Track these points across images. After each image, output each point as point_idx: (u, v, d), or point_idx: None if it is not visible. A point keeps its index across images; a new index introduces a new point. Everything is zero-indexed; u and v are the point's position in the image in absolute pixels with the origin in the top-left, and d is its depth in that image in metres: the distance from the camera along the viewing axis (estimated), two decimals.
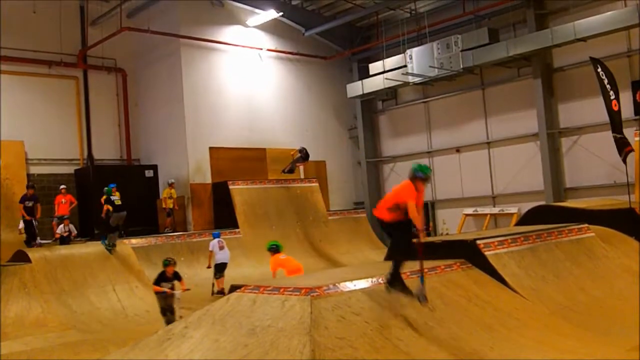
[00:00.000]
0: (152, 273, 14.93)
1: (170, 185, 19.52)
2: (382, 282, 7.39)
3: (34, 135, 19.83)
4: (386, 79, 22.56)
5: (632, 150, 15.36)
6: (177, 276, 10.92)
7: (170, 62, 21.40)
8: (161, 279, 10.82)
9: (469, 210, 22.36)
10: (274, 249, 12.69)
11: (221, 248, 15.59)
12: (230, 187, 19.87)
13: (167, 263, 10.88)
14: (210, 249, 15.59)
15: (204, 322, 7.25)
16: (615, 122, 15.41)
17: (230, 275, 15.78)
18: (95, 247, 14.86)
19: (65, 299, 12.70)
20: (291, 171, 20.36)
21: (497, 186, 21.98)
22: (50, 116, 20.50)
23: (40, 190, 19.60)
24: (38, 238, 16.60)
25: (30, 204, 16.43)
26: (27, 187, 16.72)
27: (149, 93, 22.38)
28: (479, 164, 22.32)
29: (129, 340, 8.64)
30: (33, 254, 13.60)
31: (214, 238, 15.88)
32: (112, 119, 22.18)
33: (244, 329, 6.62)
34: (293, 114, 24.03)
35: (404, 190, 7.54)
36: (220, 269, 15.38)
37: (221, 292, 14.07)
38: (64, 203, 17.87)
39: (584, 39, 18.20)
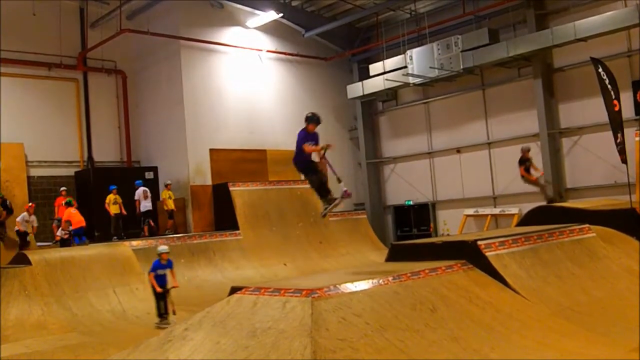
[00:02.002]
0: None
1: (167, 186, 19.58)
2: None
3: (33, 137, 19.82)
4: (386, 79, 22.57)
5: (624, 161, 15.32)
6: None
7: (170, 64, 21.40)
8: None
9: (470, 211, 22.36)
10: (68, 203, 16.58)
11: (145, 198, 18.49)
12: (231, 188, 19.85)
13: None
14: (136, 198, 18.51)
15: (205, 324, 7.24)
16: (615, 123, 15.38)
17: (231, 277, 15.79)
18: (95, 249, 14.86)
19: (65, 301, 12.68)
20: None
21: (497, 187, 21.98)
22: (50, 118, 20.51)
23: (41, 193, 19.66)
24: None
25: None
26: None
27: (149, 95, 22.38)
28: (480, 165, 22.32)
29: (130, 343, 8.61)
30: (33, 256, 13.58)
31: (138, 187, 18.67)
32: (112, 121, 22.18)
33: (244, 331, 6.61)
34: (293, 115, 23.94)
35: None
36: (146, 215, 18.45)
37: (152, 234, 17.91)
38: (64, 205, 17.89)
39: (584, 39, 18.21)
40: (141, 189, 18.81)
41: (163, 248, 12.00)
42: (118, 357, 7.82)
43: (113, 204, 18.31)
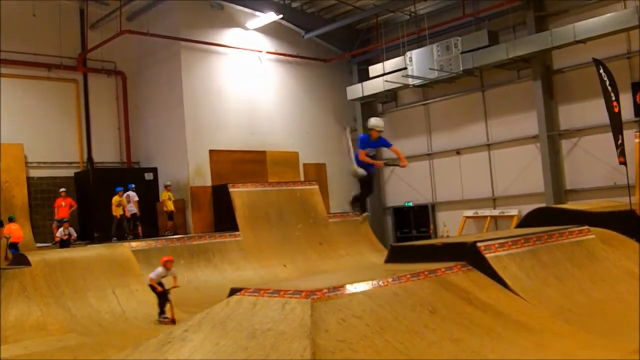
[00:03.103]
0: None
1: (167, 187, 19.61)
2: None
3: (33, 138, 19.82)
4: (386, 81, 22.58)
5: (623, 162, 15.30)
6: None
7: (170, 65, 21.40)
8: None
9: (470, 213, 22.36)
10: (10, 219, 17.06)
11: (128, 202, 18.63)
12: (231, 190, 19.84)
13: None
14: (124, 197, 18.57)
15: (204, 325, 7.23)
16: (616, 124, 15.39)
17: (230, 279, 15.79)
18: (95, 250, 14.84)
19: (65, 302, 12.66)
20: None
21: (497, 188, 21.98)
22: (50, 119, 20.50)
23: (40, 194, 19.66)
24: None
25: None
26: None
27: (148, 96, 22.38)
28: (479, 166, 22.32)
29: (129, 344, 8.61)
30: (33, 257, 13.57)
31: (129, 189, 18.76)
32: (112, 122, 22.17)
33: (244, 332, 6.61)
34: (293, 117, 24.02)
35: None
36: (133, 218, 18.77)
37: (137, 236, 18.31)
38: (63, 206, 17.92)
39: (583, 41, 18.22)
40: (130, 192, 18.80)
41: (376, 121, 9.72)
42: (117, 358, 7.81)
43: (117, 206, 18.33)
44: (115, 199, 18.33)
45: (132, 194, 18.86)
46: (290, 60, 24.21)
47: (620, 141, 15.14)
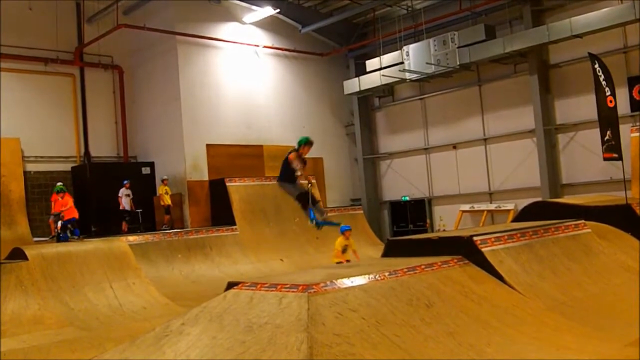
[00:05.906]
0: (150, 270, 15.10)
1: (164, 181, 19.62)
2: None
3: (30, 132, 19.80)
4: (383, 75, 22.57)
5: (610, 158, 15.26)
6: None
7: (167, 59, 21.37)
8: None
9: (466, 207, 22.40)
10: (60, 190, 16.70)
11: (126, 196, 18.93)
12: (228, 184, 19.89)
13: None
14: (119, 195, 18.81)
15: (201, 319, 7.25)
16: (605, 120, 15.32)
17: (227, 272, 15.83)
18: (92, 244, 14.85)
19: (62, 296, 12.67)
20: None
21: (493, 182, 22.02)
22: (47, 113, 20.47)
23: (37, 188, 19.65)
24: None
25: None
26: None
27: (145, 90, 22.35)
28: (476, 161, 22.35)
29: (126, 338, 8.63)
30: (30, 251, 13.57)
31: (124, 185, 18.90)
32: (109, 116, 22.16)
33: (241, 326, 6.63)
34: (290, 111, 24.02)
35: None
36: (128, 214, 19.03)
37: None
38: (60, 200, 17.89)
39: (580, 36, 18.24)
40: (124, 188, 18.95)
41: None
42: (114, 351, 7.83)
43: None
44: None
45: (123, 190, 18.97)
46: (287, 54, 24.19)
47: (607, 137, 15.05)
